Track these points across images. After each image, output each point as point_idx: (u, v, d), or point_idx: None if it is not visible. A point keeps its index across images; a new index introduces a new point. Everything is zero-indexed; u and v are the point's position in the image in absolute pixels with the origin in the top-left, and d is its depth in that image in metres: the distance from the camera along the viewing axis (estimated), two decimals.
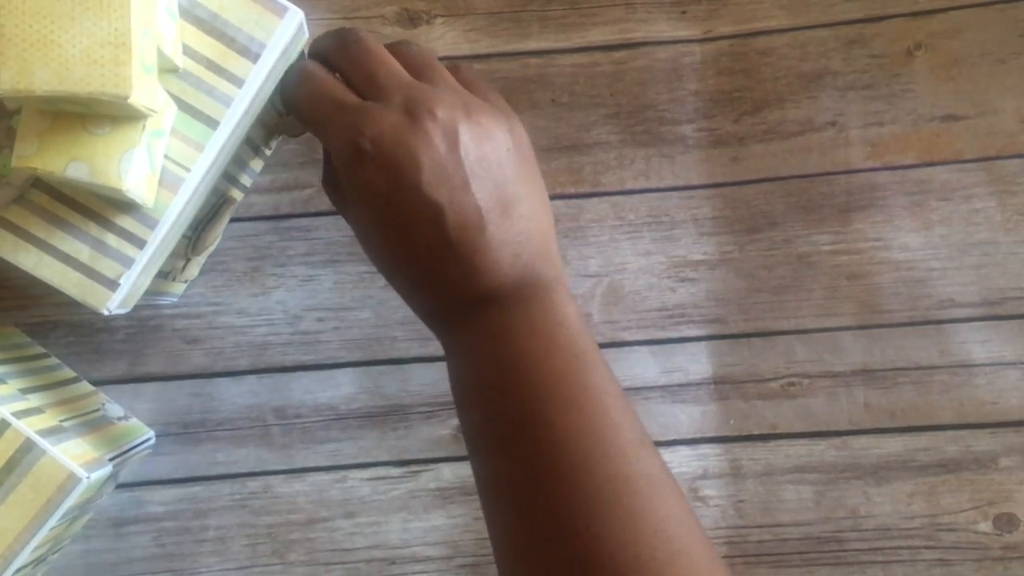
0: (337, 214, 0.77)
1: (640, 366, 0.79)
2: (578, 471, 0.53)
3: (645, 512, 0.52)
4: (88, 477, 0.63)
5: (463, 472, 0.78)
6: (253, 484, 0.78)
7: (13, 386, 0.67)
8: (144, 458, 0.77)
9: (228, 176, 0.69)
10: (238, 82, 0.60)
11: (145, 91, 0.51)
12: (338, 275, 0.78)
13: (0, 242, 0.59)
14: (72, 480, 0.62)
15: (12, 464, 0.62)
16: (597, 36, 0.79)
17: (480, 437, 0.57)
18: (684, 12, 0.79)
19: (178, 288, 0.75)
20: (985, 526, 0.78)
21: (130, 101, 0.50)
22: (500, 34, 0.79)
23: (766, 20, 0.79)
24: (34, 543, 0.63)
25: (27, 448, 0.62)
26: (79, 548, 0.77)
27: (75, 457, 0.64)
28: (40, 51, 0.48)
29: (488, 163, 0.57)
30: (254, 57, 0.60)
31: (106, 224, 0.60)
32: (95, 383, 0.77)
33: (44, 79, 0.48)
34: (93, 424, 0.71)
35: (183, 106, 0.60)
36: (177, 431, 0.78)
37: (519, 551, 0.54)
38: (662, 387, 0.79)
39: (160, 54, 0.55)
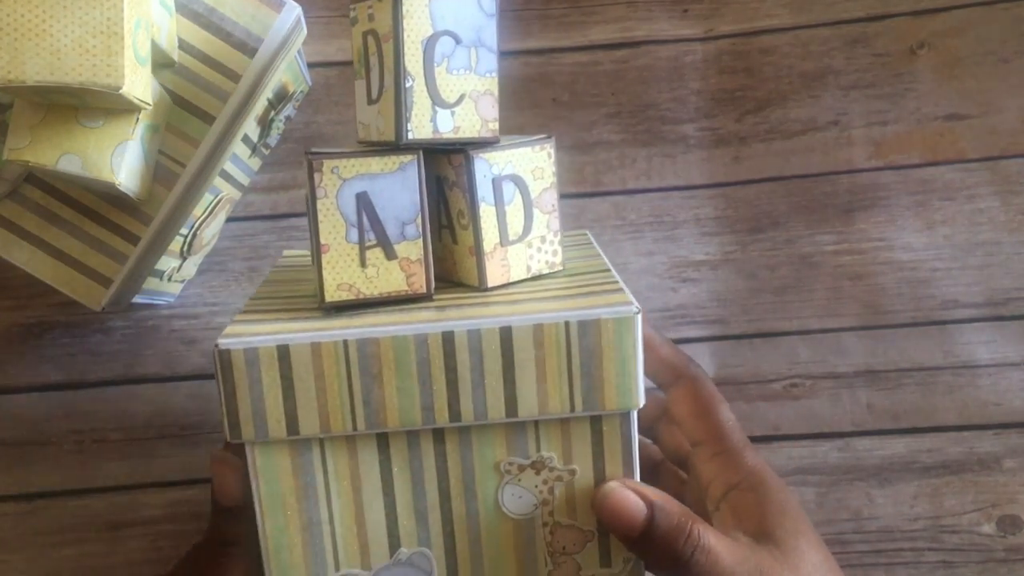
0: None
1: None
2: None
3: None
4: None
5: None
6: None
7: None
8: (142, 460, 0.77)
9: (225, 174, 0.69)
10: (234, 77, 0.60)
11: (138, 82, 0.51)
12: None
13: None
14: None
15: None
16: (598, 35, 0.78)
17: None
18: (686, 11, 0.78)
19: (174, 288, 0.75)
20: (988, 528, 0.78)
21: (122, 92, 0.49)
22: (500, 32, 0.79)
23: (768, 19, 0.78)
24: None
25: None
26: (75, 552, 0.77)
27: None
28: (31, 40, 0.48)
29: None
30: (251, 52, 0.60)
31: (100, 220, 0.60)
32: (91, 385, 0.77)
33: (35, 69, 0.48)
34: None
35: (178, 101, 0.60)
36: (175, 433, 0.77)
37: None
38: None
39: (155, 46, 0.54)
